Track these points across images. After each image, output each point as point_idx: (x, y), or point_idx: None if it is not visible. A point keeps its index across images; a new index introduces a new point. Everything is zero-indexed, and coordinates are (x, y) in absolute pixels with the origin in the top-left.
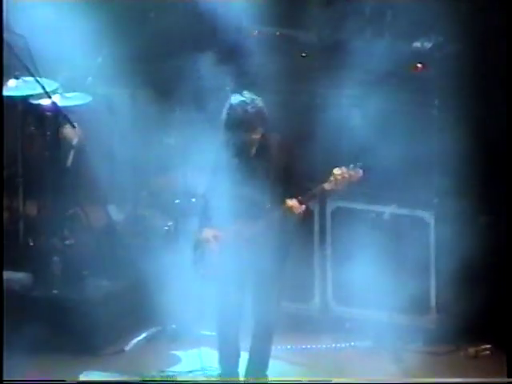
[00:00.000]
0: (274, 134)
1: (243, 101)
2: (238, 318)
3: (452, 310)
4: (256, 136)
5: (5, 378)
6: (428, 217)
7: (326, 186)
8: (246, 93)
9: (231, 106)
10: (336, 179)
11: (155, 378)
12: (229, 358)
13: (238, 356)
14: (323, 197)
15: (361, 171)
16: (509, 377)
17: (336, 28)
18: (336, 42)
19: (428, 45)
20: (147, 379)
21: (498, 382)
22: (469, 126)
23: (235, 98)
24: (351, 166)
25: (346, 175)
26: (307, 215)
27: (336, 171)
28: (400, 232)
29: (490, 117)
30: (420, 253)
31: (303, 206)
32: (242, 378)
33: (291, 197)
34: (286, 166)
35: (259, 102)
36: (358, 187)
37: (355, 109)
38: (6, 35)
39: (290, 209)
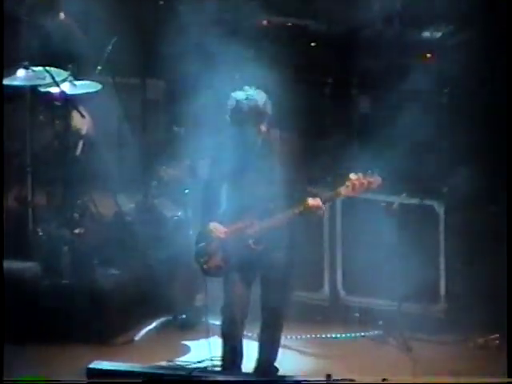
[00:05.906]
0: (278, 129)
1: (249, 95)
2: (242, 315)
3: (461, 299)
4: (262, 130)
5: (16, 367)
6: (438, 206)
7: (343, 190)
8: (249, 87)
9: (237, 101)
10: (353, 185)
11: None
12: (231, 353)
13: (241, 352)
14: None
15: (380, 179)
16: (509, 377)
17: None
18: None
19: (437, 34)
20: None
21: (498, 381)
22: (479, 115)
23: (240, 93)
24: (369, 171)
25: (364, 182)
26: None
27: (352, 176)
28: (409, 221)
29: (500, 105)
30: (429, 242)
31: (324, 206)
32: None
33: (303, 194)
34: (291, 161)
35: (264, 96)
36: None
37: (365, 98)
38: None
39: (311, 208)
